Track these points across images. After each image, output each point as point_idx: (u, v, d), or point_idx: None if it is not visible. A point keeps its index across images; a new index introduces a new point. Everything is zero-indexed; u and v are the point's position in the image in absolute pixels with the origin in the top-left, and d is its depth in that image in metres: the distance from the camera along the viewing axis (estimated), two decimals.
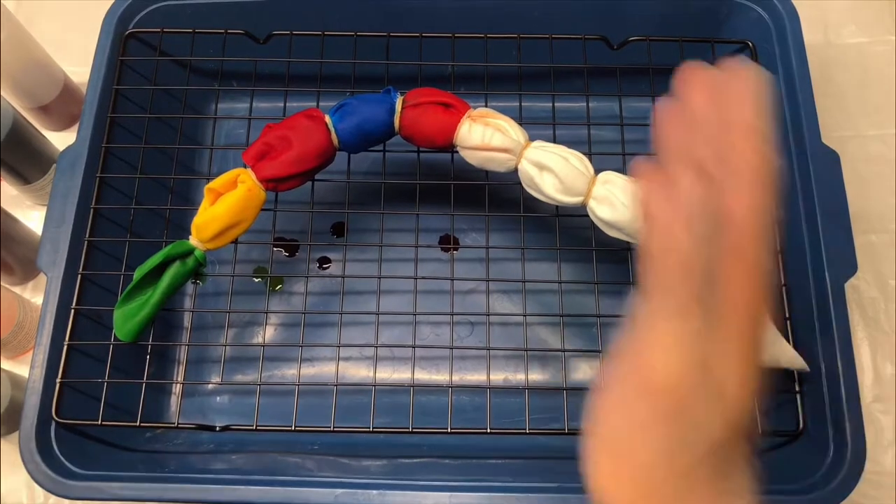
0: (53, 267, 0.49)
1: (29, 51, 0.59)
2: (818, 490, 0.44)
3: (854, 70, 0.66)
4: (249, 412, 0.51)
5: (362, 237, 0.61)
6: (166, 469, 0.48)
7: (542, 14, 0.58)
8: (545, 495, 0.44)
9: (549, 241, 0.53)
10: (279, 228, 0.56)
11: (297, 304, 0.59)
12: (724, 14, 0.58)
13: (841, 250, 0.49)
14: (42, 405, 0.46)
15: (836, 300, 0.47)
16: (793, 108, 0.53)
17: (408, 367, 0.56)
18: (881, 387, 0.57)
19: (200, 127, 0.64)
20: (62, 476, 0.45)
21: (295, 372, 0.54)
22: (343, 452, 0.52)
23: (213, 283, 0.60)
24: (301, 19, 0.57)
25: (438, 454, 0.53)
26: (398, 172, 0.57)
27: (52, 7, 0.70)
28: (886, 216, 0.61)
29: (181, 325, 0.58)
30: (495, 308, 0.56)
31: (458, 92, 0.50)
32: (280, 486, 0.45)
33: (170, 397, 0.57)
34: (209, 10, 0.58)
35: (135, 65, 0.56)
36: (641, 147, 0.55)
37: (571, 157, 0.47)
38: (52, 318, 0.48)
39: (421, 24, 0.56)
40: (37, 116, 0.64)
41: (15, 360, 0.59)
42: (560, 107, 0.54)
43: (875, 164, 0.63)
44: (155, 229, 0.54)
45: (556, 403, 0.49)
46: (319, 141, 0.48)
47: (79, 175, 0.51)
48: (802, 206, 0.51)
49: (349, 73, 0.56)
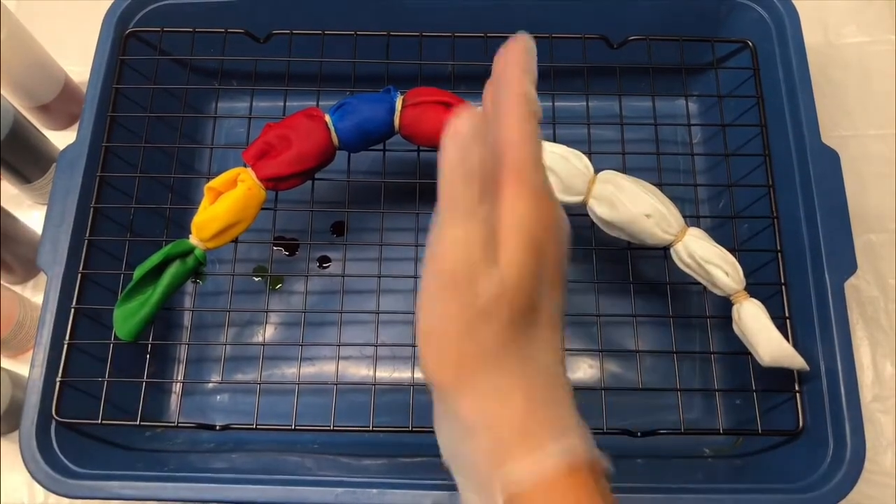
0: (53, 266, 0.49)
1: (29, 50, 0.59)
2: (817, 489, 0.44)
3: (854, 70, 0.66)
4: (249, 411, 0.51)
5: (362, 236, 0.61)
6: (166, 468, 0.48)
7: (542, 14, 0.58)
8: None
9: None
10: (279, 227, 0.57)
11: (297, 303, 0.59)
12: (724, 13, 0.58)
13: (841, 250, 0.49)
14: (42, 404, 0.46)
15: (836, 300, 0.47)
16: (793, 108, 0.53)
17: (408, 366, 0.56)
18: (881, 386, 0.57)
19: (200, 126, 0.64)
20: (62, 475, 0.45)
21: (295, 371, 0.54)
22: (343, 451, 0.52)
23: (213, 282, 0.60)
24: (301, 19, 0.57)
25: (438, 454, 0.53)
26: (398, 171, 0.57)
27: (52, 7, 0.70)
28: (886, 216, 0.61)
29: (181, 324, 0.58)
30: None
31: (458, 91, 0.50)
32: (280, 485, 0.45)
33: (170, 396, 0.57)
34: (209, 9, 0.58)
35: (135, 64, 0.56)
36: (641, 146, 0.55)
37: (571, 156, 0.47)
38: (52, 317, 0.48)
39: (421, 24, 0.56)
40: (37, 115, 0.64)
41: (15, 359, 0.59)
42: (560, 106, 0.54)
43: (875, 164, 0.63)
44: (155, 228, 0.54)
45: None
46: (319, 140, 0.48)
47: (79, 174, 0.51)
48: (802, 206, 0.51)
49: (349, 72, 0.56)
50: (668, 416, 0.53)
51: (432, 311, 0.29)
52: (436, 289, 0.29)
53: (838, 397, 0.46)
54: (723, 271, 0.46)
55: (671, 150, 0.62)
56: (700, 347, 0.56)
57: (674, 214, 0.47)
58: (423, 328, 0.30)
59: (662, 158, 0.54)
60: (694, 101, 0.63)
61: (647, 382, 0.54)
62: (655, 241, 0.47)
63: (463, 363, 0.29)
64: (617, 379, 0.56)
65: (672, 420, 0.51)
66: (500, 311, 0.28)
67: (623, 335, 0.56)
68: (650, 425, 0.48)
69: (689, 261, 0.46)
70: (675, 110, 0.60)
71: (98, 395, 0.48)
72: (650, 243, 0.47)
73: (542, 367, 0.29)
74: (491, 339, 0.28)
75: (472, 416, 0.29)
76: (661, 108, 0.55)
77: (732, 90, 0.57)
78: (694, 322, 0.57)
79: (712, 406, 0.54)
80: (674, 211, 0.47)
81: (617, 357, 0.56)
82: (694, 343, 0.57)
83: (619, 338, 0.56)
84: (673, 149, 0.62)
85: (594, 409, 0.47)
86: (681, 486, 0.44)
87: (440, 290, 0.29)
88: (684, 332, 0.57)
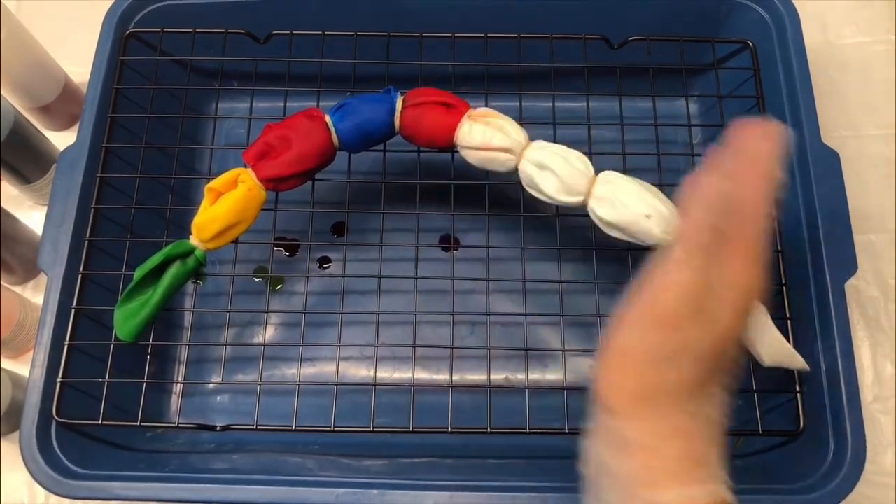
0: (54, 266, 0.49)
1: (30, 50, 0.59)
2: (818, 490, 0.44)
3: (854, 70, 0.66)
4: (250, 412, 0.51)
5: (363, 237, 0.61)
6: (167, 469, 0.48)
7: (542, 14, 0.58)
8: (545, 495, 0.44)
9: (549, 240, 0.53)
10: (279, 228, 0.56)
11: (298, 303, 0.59)
12: (724, 14, 0.58)
13: (841, 250, 0.49)
14: (43, 405, 0.46)
15: (836, 300, 0.47)
16: (793, 108, 0.53)
17: (408, 367, 0.56)
18: (881, 387, 0.57)
19: (201, 127, 0.64)
20: (63, 475, 0.45)
21: (295, 371, 0.54)
22: (343, 452, 0.52)
23: (213, 283, 0.60)
24: (301, 19, 0.57)
25: (439, 454, 0.53)
26: (398, 172, 0.57)
27: (52, 7, 0.70)
28: (886, 216, 0.61)
29: (182, 325, 0.58)
30: (495, 308, 0.56)
31: (459, 92, 0.50)
32: (281, 486, 0.45)
33: (170, 397, 0.57)
34: (209, 9, 0.58)
35: (135, 65, 0.56)
36: (642, 147, 0.55)
37: (572, 156, 0.47)
38: (52, 317, 0.48)
39: (421, 24, 0.56)
40: (37, 116, 0.64)
41: (16, 360, 0.59)
42: (560, 106, 0.54)
43: (875, 164, 0.63)
44: (155, 229, 0.54)
45: (556, 403, 0.49)
46: (320, 141, 0.48)
47: (79, 175, 0.51)
48: (802, 206, 0.51)
49: (349, 72, 0.56)
50: None
51: (630, 336, 0.32)
52: (643, 318, 0.32)
53: (839, 398, 0.46)
54: None
55: (671, 151, 0.62)
56: None
57: (674, 215, 0.47)
58: (615, 348, 0.32)
59: (663, 159, 0.54)
60: (694, 102, 0.63)
61: None
62: (656, 242, 0.47)
63: (642, 392, 0.31)
64: None
65: None
66: (698, 360, 0.31)
67: None
68: None
69: None
70: (675, 111, 0.60)
71: (98, 396, 0.48)
72: (651, 244, 0.47)
73: (708, 420, 0.32)
74: (676, 380, 0.31)
75: (635, 439, 0.31)
76: (661, 108, 0.55)
77: (733, 90, 0.57)
78: None
79: None
80: (674, 211, 0.47)
81: None
82: None
83: None
84: (673, 149, 0.62)
85: None
86: None
87: (648, 320, 0.31)
88: None
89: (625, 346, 0.32)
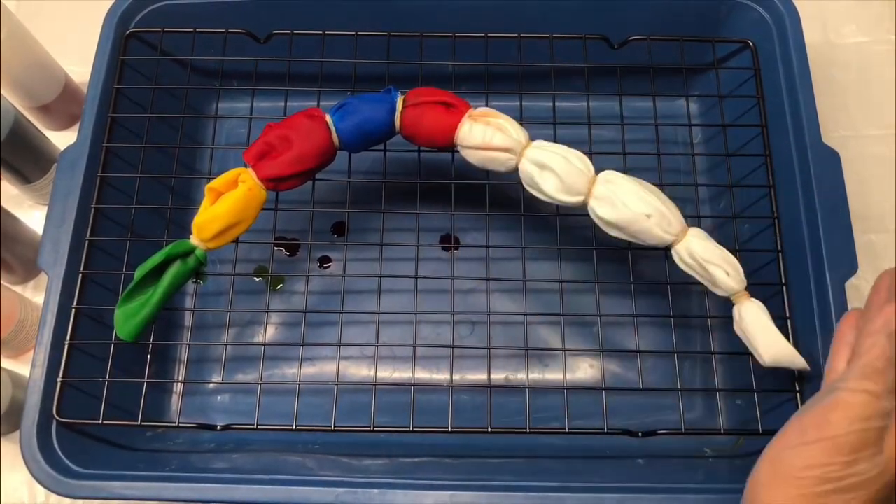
0: (54, 266, 0.49)
1: (30, 50, 0.59)
2: None
3: (854, 70, 0.66)
4: (250, 411, 0.51)
5: (363, 236, 0.61)
6: (167, 468, 0.48)
7: (542, 14, 0.58)
8: (545, 495, 0.44)
9: (549, 240, 0.53)
10: (280, 228, 0.57)
11: (298, 303, 0.59)
12: (724, 13, 0.58)
13: (841, 250, 0.49)
14: (43, 404, 0.46)
15: (836, 300, 0.47)
16: (793, 108, 0.53)
17: (408, 367, 0.56)
18: None
19: (201, 126, 0.64)
20: (63, 475, 0.45)
21: (296, 371, 0.54)
22: (344, 452, 0.52)
23: (213, 283, 0.60)
24: (301, 19, 0.57)
25: (439, 453, 0.53)
26: (399, 172, 0.57)
27: (52, 7, 0.70)
28: (886, 216, 0.61)
29: (182, 325, 0.58)
30: (496, 307, 0.56)
31: (459, 91, 0.50)
32: (281, 486, 0.45)
33: (171, 396, 0.57)
34: (210, 9, 0.58)
35: (135, 64, 0.56)
36: (642, 146, 0.55)
37: (572, 156, 0.47)
38: (53, 317, 0.48)
39: (421, 24, 0.56)
40: (38, 116, 0.64)
41: (16, 360, 0.59)
42: (560, 106, 0.55)
43: (875, 164, 0.63)
44: (156, 229, 0.54)
45: (557, 403, 0.49)
46: (320, 140, 0.48)
47: (80, 174, 0.51)
48: (803, 206, 0.51)
49: (350, 72, 0.56)
50: (668, 416, 0.53)
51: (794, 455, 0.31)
52: (808, 437, 0.31)
53: None
54: (724, 271, 0.46)
55: (672, 151, 0.62)
56: (701, 347, 0.56)
57: (674, 214, 0.47)
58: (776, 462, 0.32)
59: (663, 158, 0.54)
60: (694, 102, 0.63)
61: (648, 382, 0.54)
62: (656, 242, 0.47)
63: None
64: (618, 379, 0.56)
65: (673, 420, 0.51)
66: (858, 494, 0.30)
67: (624, 335, 0.56)
68: (651, 425, 0.48)
69: (689, 261, 0.46)
70: (675, 110, 0.60)
71: (99, 396, 0.48)
72: (651, 243, 0.47)
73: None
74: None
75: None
76: (661, 108, 0.55)
77: (733, 90, 0.57)
78: (694, 322, 0.57)
79: (713, 406, 0.54)
80: (674, 211, 0.47)
81: (618, 357, 0.57)
82: (695, 343, 0.57)
83: (620, 338, 0.57)
84: (673, 149, 0.63)
85: (595, 408, 0.47)
86: (681, 486, 0.44)
87: (818, 440, 0.30)
88: (685, 332, 0.57)
89: (788, 464, 0.31)
